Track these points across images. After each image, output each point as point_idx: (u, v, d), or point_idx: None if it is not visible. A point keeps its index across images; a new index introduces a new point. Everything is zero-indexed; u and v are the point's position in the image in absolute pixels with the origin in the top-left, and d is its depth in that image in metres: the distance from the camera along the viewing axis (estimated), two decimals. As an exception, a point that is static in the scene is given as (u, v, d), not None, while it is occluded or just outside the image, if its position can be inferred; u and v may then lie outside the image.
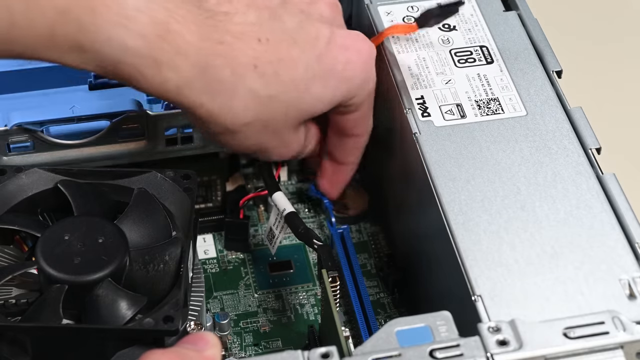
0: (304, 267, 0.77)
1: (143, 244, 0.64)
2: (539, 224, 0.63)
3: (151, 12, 0.61)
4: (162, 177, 0.67)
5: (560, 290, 0.60)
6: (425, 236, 0.69)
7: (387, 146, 0.74)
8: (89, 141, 0.72)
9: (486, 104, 0.69)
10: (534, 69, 0.72)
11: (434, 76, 0.71)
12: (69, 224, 0.63)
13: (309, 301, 0.75)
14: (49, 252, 0.62)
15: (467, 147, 0.67)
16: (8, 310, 0.63)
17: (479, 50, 0.73)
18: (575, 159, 0.66)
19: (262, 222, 0.80)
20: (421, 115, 0.69)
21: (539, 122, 0.68)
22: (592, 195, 0.64)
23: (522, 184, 0.65)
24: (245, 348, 0.73)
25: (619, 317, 0.58)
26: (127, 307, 0.61)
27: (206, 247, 0.78)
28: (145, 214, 0.65)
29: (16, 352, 0.61)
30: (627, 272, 0.61)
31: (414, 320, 0.59)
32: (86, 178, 0.67)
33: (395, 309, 0.74)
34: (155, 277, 0.63)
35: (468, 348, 0.57)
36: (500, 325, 0.57)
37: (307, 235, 0.70)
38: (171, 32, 0.62)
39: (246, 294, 0.76)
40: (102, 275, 0.61)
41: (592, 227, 0.63)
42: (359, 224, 0.80)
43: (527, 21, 0.75)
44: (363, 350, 0.57)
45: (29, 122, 0.70)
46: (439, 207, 0.64)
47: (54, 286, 0.61)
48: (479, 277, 0.61)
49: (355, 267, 0.74)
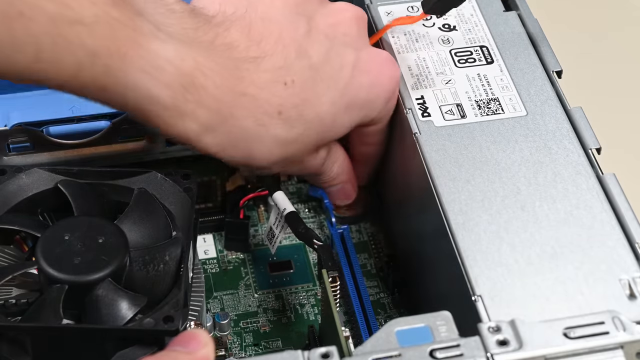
0: (304, 267, 0.77)
1: (143, 244, 0.64)
2: (539, 224, 0.63)
3: (180, 62, 0.61)
4: (162, 177, 0.67)
5: (561, 290, 0.60)
6: (426, 236, 0.69)
7: (387, 146, 0.74)
8: (89, 141, 0.72)
9: (486, 104, 0.69)
10: (534, 69, 0.72)
11: (434, 76, 0.71)
12: (69, 224, 0.63)
13: (309, 301, 0.75)
14: (49, 252, 0.61)
15: (467, 147, 0.67)
16: (8, 310, 0.63)
17: (479, 50, 0.73)
18: (575, 159, 0.66)
19: (262, 222, 0.80)
20: (421, 115, 0.69)
21: (539, 122, 0.68)
22: (592, 195, 0.64)
23: (522, 184, 0.65)
24: (245, 348, 0.72)
25: (619, 317, 0.58)
26: (127, 307, 0.61)
27: (206, 247, 0.78)
28: (145, 214, 0.65)
29: (16, 352, 0.61)
30: (627, 272, 0.61)
31: (414, 320, 0.59)
32: (86, 178, 0.67)
33: (395, 309, 0.74)
34: (156, 277, 0.63)
35: (468, 348, 0.57)
36: (500, 325, 0.57)
37: (307, 235, 0.70)
38: (196, 84, 0.62)
39: (246, 294, 0.76)
40: (102, 275, 0.61)
41: (592, 227, 0.63)
42: (359, 224, 0.80)
43: (527, 21, 0.75)
44: (363, 350, 0.57)
45: (29, 122, 0.70)
46: (439, 207, 0.64)
47: (54, 286, 0.61)
48: (479, 277, 0.61)
49: (355, 267, 0.74)
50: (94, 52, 0.58)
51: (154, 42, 0.60)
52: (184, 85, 0.61)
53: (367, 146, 0.74)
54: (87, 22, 0.58)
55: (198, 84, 0.62)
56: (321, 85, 0.67)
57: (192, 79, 0.62)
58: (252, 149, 0.66)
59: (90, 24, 0.58)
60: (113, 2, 0.59)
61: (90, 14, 0.58)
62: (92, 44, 0.58)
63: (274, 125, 0.65)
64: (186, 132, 0.63)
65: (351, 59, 0.68)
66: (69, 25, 0.57)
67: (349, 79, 0.68)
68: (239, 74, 0.64)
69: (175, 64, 0.61)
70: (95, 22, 0.58)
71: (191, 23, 0.63)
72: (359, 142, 0.74)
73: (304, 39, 0.67)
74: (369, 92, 0.69)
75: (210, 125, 0.63)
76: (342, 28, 0.69)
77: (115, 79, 0.59)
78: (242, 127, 0.64)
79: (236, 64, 0.64)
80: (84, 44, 0.58)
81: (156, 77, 0.60)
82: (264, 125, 0.65)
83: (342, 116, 0.68)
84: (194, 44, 0.62)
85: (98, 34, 0.58)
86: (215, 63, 0.63)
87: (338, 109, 0.68)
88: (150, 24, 0.61)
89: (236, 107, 0.64)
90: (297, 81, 0.66)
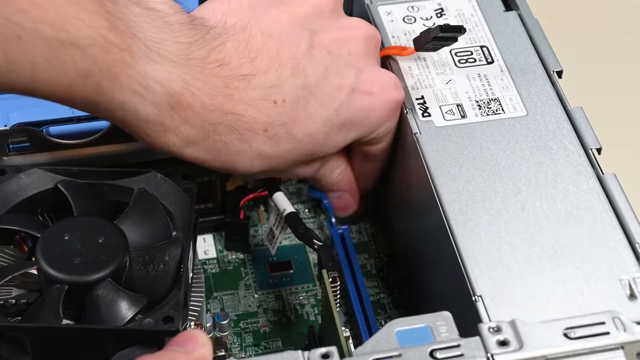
0: (304, 267, 0.77)
1: (143, 244, 0.64)
2: (539, 224, 0.63)
3: (169, 83, 0.62)
4: (162, 177, 0.67)
5: (561, 291, 0.60)
6: (426, 236, 0.69)
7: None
8: (89, 141, 0.72)
9: (486, 104, 0.69)
10: (535, 69, 0.72)
11: (434, 76, 0.71)
12: (69, 224, 0.63)
13: (309, 301, 0.75)
14: (49, 252, 0.61)
15: (467, 147, 0.67)
16: (8, 310, 0.63)
17: (479, 50, 0.73)
18: (575, 159, 0.66)
19: (262, 222, 0.80)
20: (421, 115, 0.69)
21: (540, 122, 0.68)
22: (593, 195, 0.64)
23: (522, 184, 0.65)
24: (245, 348, 0.72)
25: (620, 318, 0.58)
26: (127, 307, 0.61)
27: (206, 247, 0.78)
28: (145, 214, 0.65)
29: (16, 352, 0.61)
30: (627, 272, 0.61)
31: (414, 320, 0.59)
32: (86, 178, 0.67)
33: (395, 309, 0.74)
34: (155, 277, 0.63)
35: (468, 348, 0.57)
36: (500, 325, 0.57)
37: (307, 235, 0.70)
38: (183, 104, 0.62)
39: (246, 294, 0.76)
40: (102, 275, 0.61)
41: (593, 227, 0.63)
42: (359, 224, 0.80)
43: (527, 21, 0.75)
44: (363, 350, 0.57)
45: (29, 122, 0.70)
46: (439, 207, 0.64)
47: (54, 286, 0.61)
48: (479, 277, 0.61)
49: (355, 268, 0.74)
50: (86, 73, 0.59)
51: (144, 62, 0.61)
52: (171, 104, 0.62)
53: (369, 163, 0.74)
54: (82, 45, 0.58)
55: (185, 103, 0.62)
56: (314, 105, 0.66)
57: (179, 98, 0.62)
58: (233, 161, 0.66)
59: (84, 47, 0.59)
60: (111, 25, 0.59)
61: (85, 37, 0.59)
62: (85, 66, 0.59)
63: (257, 142, 0.66)
64: (168, 145, 0.64)
65: (351, 80, 0.67)
66: (62, 47, 0.58)
67: (346, 100, 0.67)
68: (227, 92, 0.64)
69: (164, 84, 0.61)
70: (89, 45, 0.59)
71: (186, 37, 0.63)
72: (361, 157, 0.73)
73: (303, 56, 0.66)
74: (368, 114, 0.68)
75: (192, 140, 0.64)
76: (348, 46, 0.68)
77: (105, 97, 0.61)
78: (224, 142, 0.65)
79: (226, 82, 0.64)
80: (76, 65, 0.59)
81: (144, 97, 0.61)
82: (246, 141, 0.65)
83: (335, 135, 0.68)
84: (185, 62, 0.62)
85: (91, 56, 0.59)
86: (203, 82, 0.63)
87: (331, 128, 0.67)
88: (142, 44, 0.61)
89: (220, 124, 0.64)
90: (288, 100, 0.65)
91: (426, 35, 0.70)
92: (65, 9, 0.58)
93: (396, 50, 0.72)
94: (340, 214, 0.77)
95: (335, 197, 0.76)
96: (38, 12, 0.57)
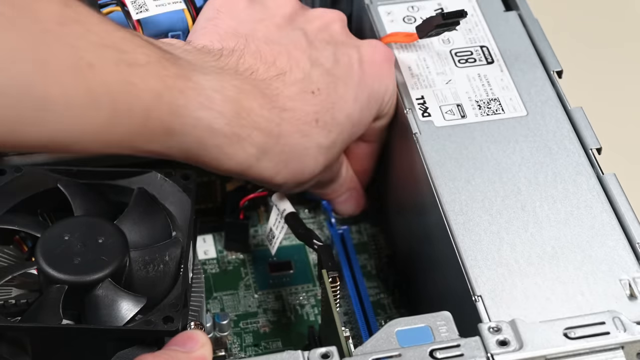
0: (304, 267, 0.77)
1: (143, 244, 0.64)
2: (539, 224, 0.63)
3: (224, 90, 0.62)
4: (162, 177, 0.67)
5: (561, 291, 0.60)
6: (426, 236, 0.69)
7: (387, 146, 0.74)
8: (88, 141, 0.72)
9: (486, 104, 0.69)
10: (535, 69, 0.72)
11: (435, 76, 0.71)
12: (69, 224, 0.63)
13: (309, 302, 0.75)
14: (48, 252, 0.61)
15: (467, 147, 0.67)
16: (8, 310, 0.63)
17: (479, 50, 0.73)
18: (575, 159, 0.66)
19: (262, 222, 0.80)
20: (421, 115, 0.69)
21: (540, 122, 0.68)
22: (593, 195, 0.64)
23: (522, 184, 0.65)
24: (245, 348, 0.72)
25: (620, 318, 0.58)
26: (127, 307, 0.61)
27: (206, 247, 0.78)
28: (145, 214, 0.65)
29: (16, 352, 0.61)
30: (627, 272, 0.61)
31: (414, 320, 0.59)
32: (86, 178, 0.67)
33: (395, 309, 0.74)
34: (155, 277, 0.63)
35: (468, 348, 0.57)
36: (500, 325, 0.57)
37: (307, 235, 0.70)
38: (245, 108, 0.63)
39: (246, 294, 0.76)
40: (102, 275, 0.61)
41: (593, 227, 0.63)
42: (359, 225, 0.80)
43: (527, 21, 0.75)
44: (363, 350, 0.57)
45: (29, 122, 0.70)
46: (439, 207, 0.64)
47: (53, 286, 0.61)
48: (479, 277, 0.61)
49: (355, 268, 0.74)
50: (159, 93, 0.59)
51: (196, 75, 0.61)
52: (235, 110, 0.62)
53: (367, 144, 0.74)
54: (142, 63, 0.58)
55: (246, 107, 0.63)
56: (341, 87, 0.68)
57: (239, 103, 0.63)
58: (302, 163, 0.67)
59: (145, 65, 0.58)
60: (150, 42, 0.60)
61: (141, 54, 0.58)
62: (154, 84, 0.58)
63: (315, 134, 0.66)
64: (248, 160, 0.64)
65: (355, 55, 0.69)
66: (129, 68, 0.58)
67: (361, 74, 0.69)
68: (272, 92, 0.65)
69: (221, 92, 0.62)
70: (148, 63, 0.59)
71: (209, 57, 0.64)
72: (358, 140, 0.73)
73: (310, 50, 0.68)
74: (380, 81, 0.70)
75: (265, 147, 0.64)
76: (331, 29, 0.70)
77: (179, 118, 0.60)
78: (291, 144, 0.66)
79: (266, 84, 0.65)
80: (147, 85, 0.58)
81: (211, 108, 0.61)
82: (307, 135, 0.66)
83: (365, 111, 0.69)
84: (225, 71, 0.63)
85: (154, 73, 0.59)
86: (250, 86, 0.64)
87: (361, 105, 0.69)
88: (184, 61, 0.61)
89: (282, 123, 0.65)
90: (321, 88, 0.67)
91: (428, 23, 0.71)
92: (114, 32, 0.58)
93: (400, 36, 0.73)
94: (353, 213, 0.77)
95: (343, 200, 0.76)
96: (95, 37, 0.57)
